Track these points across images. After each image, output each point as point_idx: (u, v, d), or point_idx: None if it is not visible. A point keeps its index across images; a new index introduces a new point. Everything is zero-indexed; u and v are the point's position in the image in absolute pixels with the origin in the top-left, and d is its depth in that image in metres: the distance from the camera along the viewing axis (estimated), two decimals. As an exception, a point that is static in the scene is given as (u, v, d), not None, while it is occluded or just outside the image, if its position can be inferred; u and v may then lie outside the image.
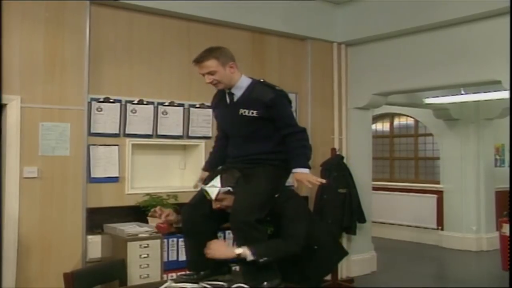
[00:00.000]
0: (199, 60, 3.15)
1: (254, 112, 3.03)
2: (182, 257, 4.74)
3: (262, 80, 3.19)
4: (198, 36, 5.31)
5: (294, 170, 2.97)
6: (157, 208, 3.24)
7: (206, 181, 2.96)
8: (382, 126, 9.91)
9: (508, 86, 5.08)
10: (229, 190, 2.86)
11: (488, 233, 8.07)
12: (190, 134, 5.24)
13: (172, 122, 5.11)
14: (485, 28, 5.18)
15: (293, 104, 5.83)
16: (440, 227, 8.56)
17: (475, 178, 8.24)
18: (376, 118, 9.39)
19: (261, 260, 2.71)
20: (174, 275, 4.49)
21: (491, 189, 8.23)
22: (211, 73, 3.09)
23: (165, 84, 5.11)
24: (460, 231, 8.28)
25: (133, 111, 4.89)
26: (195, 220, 3.06)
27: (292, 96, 5.81)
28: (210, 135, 5.35)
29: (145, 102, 4.95)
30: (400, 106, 8.43)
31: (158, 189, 5.02)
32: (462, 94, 7.21)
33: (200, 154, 5.31)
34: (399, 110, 9.09)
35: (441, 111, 8.35)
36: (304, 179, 2.92)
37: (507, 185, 5.85)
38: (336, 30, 6.25)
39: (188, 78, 5.22)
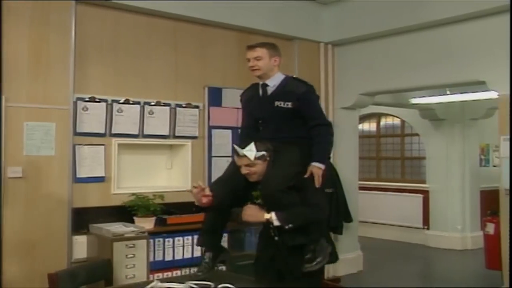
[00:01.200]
0: (253, 46, 3.47)
1: (289, 104, 3.29)
2: (169, 257, 4.75)
3: (294, 76, 3.57)
4: (184, 36, 5.31)
5: (312, 163, 3.15)
6: (197, 185, 3.22)
7: (242, 147, 3.12)
8: (369, 126, 9.96)
9: (492, 87, 5.14)
10: (263, 155, 3.06)
11: (473, 232, 8.14)
12: (176, 134, 5.23)
13: (158, 122, 5.09)
14: (470, 29, 5.23)
15: (280, 104, 5.87)
16: (426, 227, 8.62)
17: (461, 177, 8.31)
18: (363, 118, 9.44)
19: (286, 226, 2.94)
20: (160, 275, 4.50)
21: (476, 189, 8.31)
22: (257, 58, 3.39)
23: (152, 84, 5.09)
24: (446, 230, 8.34)
25: (119, 111, 4.86)
26: (224, 195, 3.20)
27: (278, 96, 5.86)
28: (196, 135, 5.34)
29: (131, 102, 4.92)
30: (387, 106, 8.48)
31: (144, 189, 4.99)
32: (447, 94, 7.27)
33: (187, 154, 5.31)
34: (386, 110, 9.14)
35: (427, 111, 8.41)
36: (319, 173, 3.13)
37: (492, 185, 5.90)
38: (323, 30, 6.26)
39: (175, 77, 5.22)
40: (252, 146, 3.09)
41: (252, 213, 3.03)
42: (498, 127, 5.16)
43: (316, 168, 3.14)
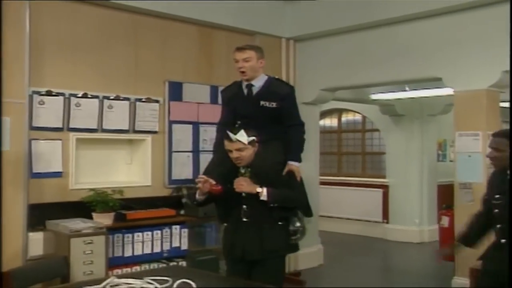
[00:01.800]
0: (242, 48, 3.78)
1: (274, 104, 3.63)
2: (128, 253, 4.70)
3: (276, 77, 3.87)
4: (144, 29, 5.25)
5: (289, 162, 3.54)
6: (204, 179, 3.38)
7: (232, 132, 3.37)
8: (331, 122, 10.05)
9: (448, 83, 5.26)
10: (253, 140, 3.36)
11: (430, 226, 8.33)
12: (136, 129, 5.17)
13: (117, 116, 5.03)
14: (428, 27, 5.34)
15: (241, 99, 5.88)
16: (385, 221, 8.77)
17: (419, 172, 8.48)
18: (325, 114, 9.52)
19: (272, 204, 3.29)
20: (119, 271, 4.46)
21: (433, 183, 8.49)
22: (246, 60, 3.67)
23: (111, 78, 5.02)
24: (404, 224, 8.51)
25: (77, 105, 4.78)
26: (222, 182, 3.40)
27: (240, 91, 5.85)
28: (156, 129, 5.30)
29: (89, 96, 4.84)
30: (348, 102, 8.58)
31: (103, 184, 4.92)
32: (406, 90, 7.40)
33: (147, 149, 5.27)
34: (347, 106, 9.25)
35: (387, 107, 8.54)
36: (297, 170, 3.55)
37: (448, 179, 6.04)
38: (285, 25, 6.29)
39: (134, 71, 5.16)
40: (243, 132, 3.36)
41: (246, 184, 3.29)
42: (453, 123, 5.28)
43: (294, 166, 3.54)
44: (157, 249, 4.88)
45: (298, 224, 3.46)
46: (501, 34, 4.82)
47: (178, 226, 5.02)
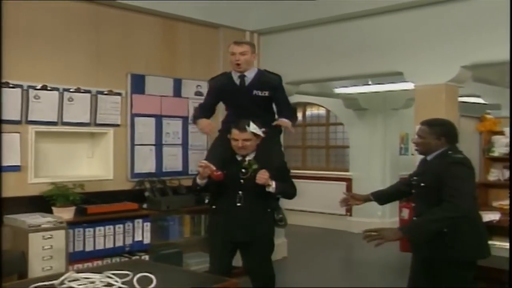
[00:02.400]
0: (240, 42, 4.28)
1: (266, 92, 4.13)
2: (89, 247, 4.64)
3: (265, 69, 4.35)
4: (106, 20, 5.16)
5: (281, 118, 4.18)
6: (204, 164, 3.71)
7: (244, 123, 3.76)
8: (295, 115, 10.10)
9: (409, 78, 5.34)
10: (263, 131, 3.79)
11: (391, 218, 8.44)
12: (98, 122, 5.09)
13: (78, 109, 4.94)
14: (390, 21, 5.40)
15: (204, 93, 5.84)
16: (348, 213, 8.87)
17: (381, 165, 8.61)
18: (289, 107, 9.53)
19: (278, 195, 3.86)
20: (80, 266, 4.39)
21: (395, 176, 8.59)
22: (243, 53, 4.09)
23: (71, 70, 4.92)
24: (367, 217, 8.61)
25: (36, 97, 4.67)
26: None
27: (203, 84, 5.84)
28: (118, 122, 5.23)
29: (49, 88, 4.74)
30: (312, 96, 8.63)
31: (64, 178, 4.83)
32: (369, 84, 7.49)
33: (109, 142, 5.19)
34: (312, 100, 9.30)
35: (350, 101, 8.63)
36: (285, 124, 4.14)
37: (410, 172, 6.13)
38: (249, 18, 6.27)
39: (96, 64, 5.07)
40: (253, 124, 3.74)
41: (267, 177, 3.67)
42: (414, 117, 5.37)
43: (284, 121, 4.14)
44: (119, 243, 4.82)
45: (281, 215, 3.93)
46: (460, 29, 4.93)
47: (140, 220, 4.97)
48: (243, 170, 3.79)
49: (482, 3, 4.81)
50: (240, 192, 3.74)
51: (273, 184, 3.72)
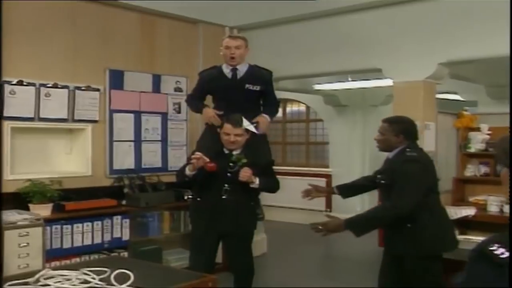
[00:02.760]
0: (235, 36, 4.42)
1: (258, 87, 4.26)
2: (67, 244, 4.59)
3: (255, 64, 4.44)
4: (83, 15, 5.11)
5: (263, 114, 4.30)
6: (199, 155, 3.72)
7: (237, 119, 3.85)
8: (275, 112, 10.10)
9: (388, 74, 5.38)
10: (254, 126, 3.93)
11: (371, 214, 8.52)
12: (76, 118, 5.04)
13: (56, 104, 4.88)
14: (368, 18, 5.44)
15: (184, 89, 5.83)
16: (328, 209, 8.92)
17: (361, 161, 8.67)
18: (269, 104, 9.55)
19: (261, 190, 4.00)
20: (58, 263, 4.34)
21: (375, 172, 8.69)
22: (237, 47, 4.21)
23: (48, 65, 4.85)
24: (346, 212, 8.60)
25: (12, 93, 4.60)
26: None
27: (182, 80, 5.82)
28: (97, 118, 5.18)
29: (25, 83, 4.67)
30: (293, 92, 8.65)
31: (41, 174, 4.77)
32: (349, 81, 7.53)
33: (87, 138, 5.14)
34: (292, 96, 9.32)
35: (330, 98, 8.67)
36: (264, 121, 4.26)
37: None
38: (229, 14, 6.25)
39: (73, 59, 5.01)
40: (246, 120, 3.83)
41: (249, 174, 3.76)
42: (392, 114, 5.41)
43: (264, 118, 4.26)
44: (97, 240, 4.79)
45: (259, 209, 4.14)
46: (437, 27, 4.98)
47: (119, 217, 4.94)
48: (231, 164, 3.85)
49: (459, 1, 4.86)
50: (226, 185, 3.82)
51: (257, 180, 3.82)
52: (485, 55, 4.84)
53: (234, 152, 3.88)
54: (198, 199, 4.02)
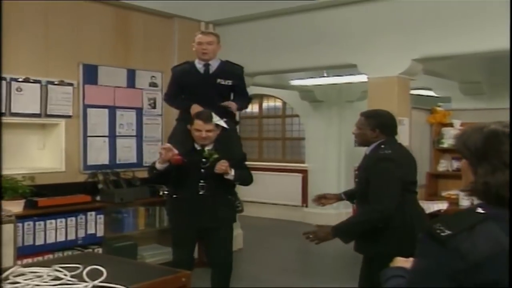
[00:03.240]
0: (208, 32, 4.52)
1: (230, 82, 4.38)
2: (40, 241, 4.53)
3: (227, 60, 4.55)
4: (56, 8, 5.03)
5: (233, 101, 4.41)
6: (168, 146, 3.75)
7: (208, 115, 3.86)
8: (252, 108, 10.09)
9: (363, 70, 5.42)
10: (225, 121, 3.96)
11: (347, 209, 8.57)
12: (48, 113, 4.97)
13: (28, 99, 4.80)
14: (343, 14, 5.46)
15: (159, 84, 5.79)
16: (304, 204, 8.96)
17: (337, 157, 8.71)
18: (246, 99, 9.54)
19: (236, 182, 3.99)
20: (30, 260, 4.28)
21: (350, 168, 8.72)
22: (210, 43, 4.32)
23: (19, 59, 4.76)
24: (322, 208, 8.64)
25: (-18, 87, 4.52)
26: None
27: (158, 75, 5.78)
28: (70, 113, 5.12)
29: (-5, 78, 4.60)
30: (269, 88, 8.66)
31: (13, 170, 4.69)
32: (324, 76, 7.56)
33: (60, 134, 5.08)
34: (268, 92, 9.33)
35: (306, 93, 8.69)
36: (233, 106, 4.38)
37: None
38: (204, 9, 6.21)
39: (45, 53, 4.94)
40: (216, 116, 3.86)
41: (226, 166, 3.76)
42: (368, 109, 5.45)
43: (231, 103, 4.34)
44: (71, 237, 4.74)
45: (238, 201, 4.16)
46: (411, 23, 5.03)
47: (93, 213, 4.89)
48: (203, 160, 3.85)
49: (432, -2, 4.91)
50: (202, 181, 3.83)
51: (232, 172, 3.85)
52: (458, 51, 4.91)
53: (206, 148, 3.88)
54: (174, 196, 4.00)
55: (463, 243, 1.32)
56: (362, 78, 5.92)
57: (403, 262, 1.76)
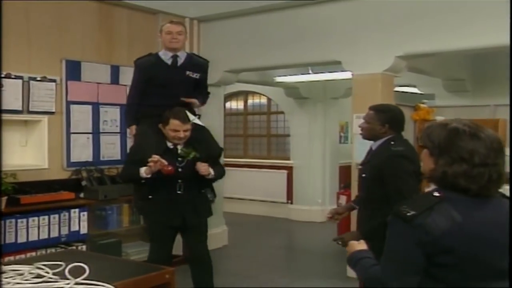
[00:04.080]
0: (177, 22, 4.38)
1: (198, 75, 4.31)
2: (22, 239, 4.49)
3: (192, 52, 4.74)
4: (38, 3, 4.96)
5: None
6: (156, 159, 3.66)
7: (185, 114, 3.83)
8: (237, 104, 10.10)
9: (347, 67, 5.43)
10: (198, 117, 4.07)
11: (332, 205, 8.57)
12: (31, 109, 4.91)
13: (9, 95, 4.74)
14: (328, 10, 5.47)
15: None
16: (289, 201, 8.98)
17: (322, 154, 8.74)
18: (231, 96, 9.57)
19: (215, 179, 3.98)
20: (12, 258, 4.23)
21: (335, 164, 8.78)
22: (179, 33, 4.22)
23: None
24: (307, 204, 8.75)
25: (-37, 83, 4.46)
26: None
27: (142, 71, 5.71)
28: (53, 110, 5.07)
29: (-24, 73, 4.54)
30: (254, 85, 8.65)
31: (-6, 167, 4.65)
32: (309, 73, 7.57)
33: (43, 130, 5.03)
34: (253, 89, 9.33)
35: (291, 90, 8.69)
36: (195, 103, 4.32)
37: (349, 160, 6.26)
38: (189, 5, 6.19)
39: (27, 48, 4.88)
40: (190, 114, 3.86)
41: (207, 167, 3.82)
42: (352, 106, 5.48)
43: (192, 100, 4.25)
44: (54, 234, 4.70)
45: (211, 194, 4.10)
46: (395, 20, 5.05)
47: (77, 210, 4.86)
48: (179, 159, 3.81)
49: (416, -5, 4.94)
50: (179, 180, 3.81)
51: (212, 171, 3.87)
52: (441, 49, 4.94)
53: (179, 146, 3.83)
54: (150, 197, 3.89)
55: (426, 220, 1.63)
56: (347, 75, 5.94)
57: (359, 245, 2.02)
